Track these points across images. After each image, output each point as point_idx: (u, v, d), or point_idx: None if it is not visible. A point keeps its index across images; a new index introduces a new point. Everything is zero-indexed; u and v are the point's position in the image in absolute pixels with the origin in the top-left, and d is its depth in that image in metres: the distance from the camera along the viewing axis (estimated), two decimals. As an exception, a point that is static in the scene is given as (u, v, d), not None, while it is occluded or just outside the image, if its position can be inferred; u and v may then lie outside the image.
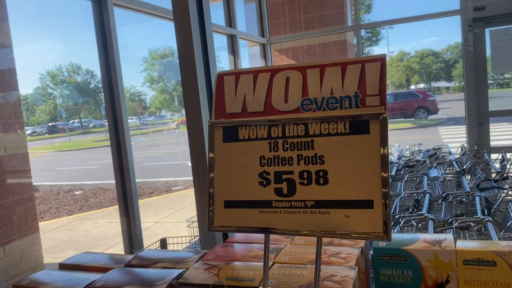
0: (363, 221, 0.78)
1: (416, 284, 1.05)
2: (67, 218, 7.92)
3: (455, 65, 32.24)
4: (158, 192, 9.79)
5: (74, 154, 18.25)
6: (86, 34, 25.44)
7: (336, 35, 6.81)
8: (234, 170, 0.89)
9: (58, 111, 30.29)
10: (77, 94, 31.13)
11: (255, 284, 0.93)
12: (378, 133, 0.78)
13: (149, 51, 33.20)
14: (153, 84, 34.54)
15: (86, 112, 31.83)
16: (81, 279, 1.05)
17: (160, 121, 31.32)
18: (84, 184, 10.99)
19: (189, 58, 1.28)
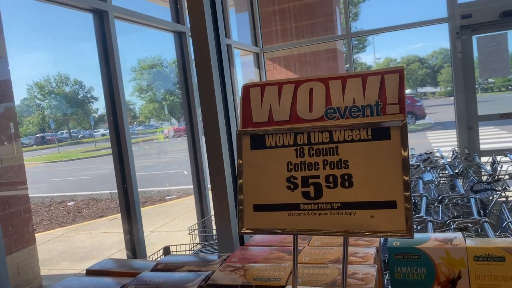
0: (387, 221, 0.84)
1: (430, 280, 1.11)
2: (60, 229, 7.86)
3: (440, 70, 32.77)
4: (151, 201, 9.76)
5: (64, 165, 18.08)
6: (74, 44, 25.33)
7: (327, 44, 6.94)
8: (262, 175, 0.94)
9: (47, 122, 30.00)
10: (65, 104, 30.89)
11: (282, 283, 0.98)
12: (399, 138, 0.85)
13: (138, 61, 33.15)
14: (142, 93, 34.45)
15: (75, 123, 31.57)
16: (111, 284, 1.09)
17: (150, 130, 31.19)
18: (76, 195, 10.91)
19: (207, 71, 1.34)
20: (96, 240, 6.73)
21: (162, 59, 32.54)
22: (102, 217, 8.64)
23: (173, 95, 31.10)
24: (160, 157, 17.83)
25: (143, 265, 1.24)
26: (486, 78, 5.80)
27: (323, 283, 0.96)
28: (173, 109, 30.66)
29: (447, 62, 30.42)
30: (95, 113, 31.93)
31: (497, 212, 3.01)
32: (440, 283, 1.10)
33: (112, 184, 9.02)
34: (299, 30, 6.93)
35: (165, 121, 32.49)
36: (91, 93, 31.36)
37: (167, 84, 33.32)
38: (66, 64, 28.70)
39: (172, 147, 22.02)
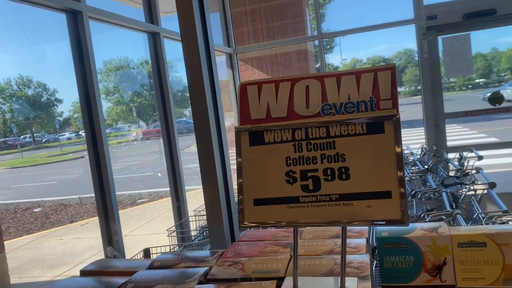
0: (383, 210, 0.89)
1: (417, 267, 1.17)
2: (28, 236, 7.61)
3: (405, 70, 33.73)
4: (122, 205, 9.59)
5: (29, 170, 17.47)
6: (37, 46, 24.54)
7: (297, 45, 7.04)
8: (262, 170, 0.97)
9: (8, 127, 28.89)
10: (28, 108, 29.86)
11: (281, 274, 1.02)
12: (393, 132, 0.90)
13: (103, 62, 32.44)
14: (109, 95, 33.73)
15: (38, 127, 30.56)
16: (108, 283, 1.09)
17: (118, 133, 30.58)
18: (43, 201, 10.58)
19: (196, 72, 1.36)
20: (67, 246, 6.56)
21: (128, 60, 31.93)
22: (72, 222, 8.42)
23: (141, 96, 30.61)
24: (130, 160, 17.52)
25: (137, 264, 1.24)
26: (451, 77, 6.04)
27: (321, 273, 1.00)
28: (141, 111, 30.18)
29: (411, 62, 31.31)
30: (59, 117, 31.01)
31: (466, 206, 3.15)
32: (427, 270, 1.16)
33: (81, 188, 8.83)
34: (270, 31, 7.00)
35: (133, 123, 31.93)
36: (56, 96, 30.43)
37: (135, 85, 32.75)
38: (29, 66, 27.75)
39: (142, 150, 21.69)
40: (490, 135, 11.52)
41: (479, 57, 16.04)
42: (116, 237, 3.08)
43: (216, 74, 1.45)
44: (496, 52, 16.03)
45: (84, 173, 13.02)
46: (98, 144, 3.03)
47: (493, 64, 17.25)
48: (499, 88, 12.32)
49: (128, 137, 28.08)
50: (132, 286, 1.04)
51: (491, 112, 5.24)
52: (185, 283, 1.03)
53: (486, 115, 5.36)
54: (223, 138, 1.47)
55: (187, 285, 1.02)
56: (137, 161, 17.10)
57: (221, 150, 1.46)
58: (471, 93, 18.93)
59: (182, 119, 21.48)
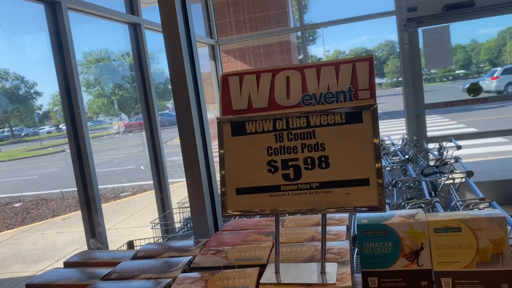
0: (361, 197, 0.92)
1: (395, 253, 1.21)
2: (9, 231, 7.49)
3: (386, 62, 34.08)
4: (105, 199, 9.51)
5: (8, 165, 17.14)
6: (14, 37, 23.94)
7: (280, 36, 7.05)
8: (244, 160, 0.99)
9: (-15, 120, 28.20)
10: (6, 101, 29.19)
11: (263, 261, 1.04)
12: (370, 121, 0.92)
13: (83, 54, 31.87)
14: (89, 88, 33.20)
15: (17, 120, 29.93)
16: (93, 273, 1.10)
17: (99, 126, 30.17)
18: (23, 196, 10.41)
19: (178, 64, 1.36)
20: (49, 241, 6.49)
21: (109, 52, 31.42)
22: (54, 217, 8.32)
23: (123, 89, 30.21)
24: (112, 153, 17.34)
25: (121, 255, 1.25)
26: (431, 68, 6.14)
27: (302, 259, 1.02)
28: (123, 104, 29.81)
29: (393, 54, 31.60)
30: (39, 110, 30.41)
31: (445, 194, 3.23)
32: (405, 255, 1.20)
33: (62, 183, 8.71)
34: (253, 22, 6.98)
35: (114, 116, 31.53)
36: (34, 89, 29.81)
37: (116, 78, 32.29)
38: (6, 58, 27.08)
39: (124, 143, 21.47)
40: (469, 126, 11.78)
41: (459, 49, 16.32)
42: (99, 230, 3.07)
43: (198, 65, 1.46)
44: (475, 44, 16.30)
45: (65, 167, 12.85)
46: (79, 137, 3.00)
47: (472, 56, 17.56)
48: (478, 79, 12.56)
49: (109, 130, 27.73)
50: (117, 276, 1.05)
51: (470, 103, 5.36)
52: (169, 272, 1.04)
53: (466, 106, 5.48)
54: (206, 129, 1.48)
55: (171, 274, 1.03)
56: (119, 155, 16.94)
57: (204, 141, 1.47)
58: (452, 84, 19.26)
59: (165, 112, 21.30)
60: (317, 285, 0.89)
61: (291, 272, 0.96)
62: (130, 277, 1.04)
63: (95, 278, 1.05)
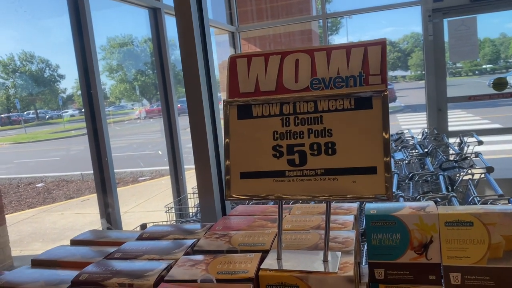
0: (368, 185, 0.89)
1: (404, 245, 1.18)
2: (30, 210, 7.70)
3: (411, 54, 33.38)
4: (124, 182, 9.67)
5: (32, 146, 17.57)
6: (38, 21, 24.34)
7: (301, 25, 6.96)
8: (249, 144, 0.97)
9: (12, 102, 28.94)
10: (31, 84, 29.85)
11: (266, 247, 1.03)
12: (380, 108, 0.89)
13: (107, 39, 32.22)
14: (112, 73, 33.62)
15: (42, 103, 30.61)
16: (98, 251, 1.11)
17: (121, 111, 30.58)
18: (45, 176, 10.67)
19: (189, 48, 1.34)
20: (68, 221, 6.64)
21: (133, 37, 31.69)
22: (73, 198, 8.51)
23: (145, 75, 30.50)
24: (133, 138, 17.57)
25: (127, 235, 1.26)
26: (456, 61, 5.97)
27: (306, 247, 1.01)
28: (144, 89, 30.11)
29: (418, 46, 30.92)
30: (63, 93, 31.00)
31: (463, 190, 3.16)
32: (414, 247, 1.17)
33: (83, 165, 8.88)
34: (275, 10, 6.91)
35: (136, 102, 31.91)
36: (58, 72, 30.38)
37: (138, 63, 32.60)
38: (31, 41, 27.60)
39: (144, 128, 21.72)
40: (493, 121, 11.45)
41: (487, 42, 15.81)
42: (114, 212, 3.11)
43: (210, 50, 1.44)
44: (504, 38, 15.77)
45: (86, 150, 13.10)
46: (96, 120, 3.04)
47: (501, 50, 17.01)
48: (506, 74, 12.16)
49: (131, 115, 28.08)
50: (120, 256, 1.06)
51: (495, 98, 5.20)
52: (171, 254, 1.04)
53: (491, 101, 5.32)
54: (216, 114, 1.47)
55: (173, 256, 1.03)
56: (139, 140, 17.15)
57: (214, 126, 1.46)
58: (478, 79, 18.73)
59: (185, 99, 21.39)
60: (318, 273, 0.87)
61: (293, 259, 0.94)
62: (133, 257, 1.04)
63: (99, 256, 1.06)
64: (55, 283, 0.94)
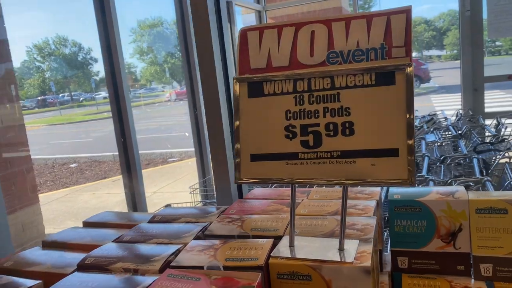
0: (388, 169, 0.81)
1: (430, 233, 1.10)
2: (64, 190, 7.95)
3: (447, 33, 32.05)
4: (154, 163, 9.82)
5: (66, 128, 18.10)
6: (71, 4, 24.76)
7: (331, 2, 6.73)
8: (260, 124, 0.91)
9: (47, 85, 29.84)
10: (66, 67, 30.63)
11: (279, 233, 0.97)
12: (404, 83, 0.81)
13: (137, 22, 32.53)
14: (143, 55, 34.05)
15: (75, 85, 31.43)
16: (108, 234, 1.08)
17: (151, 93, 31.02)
18: (78, 157, 10.98)
19: (204, 25, 1.28)
20: (100, 201, 6.81)
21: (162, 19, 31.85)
22: (105, 178, 8.72)
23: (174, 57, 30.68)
24: (163, 120, 17.79)
25: (141, 217, 1.23)
26: (494, 38, 5.64)
27: (321, 233, 0.94)
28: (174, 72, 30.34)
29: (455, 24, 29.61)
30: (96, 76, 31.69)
31: (499, 174, 2.99)
32: (440, 236, 1.09)
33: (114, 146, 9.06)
34: (303, -13, 6.70)
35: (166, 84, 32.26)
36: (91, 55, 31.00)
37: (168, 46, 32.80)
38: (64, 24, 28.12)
39: (174, 111, 21.94)
40: (536, 102, 10.88)
41: (529, 18, 14.81)
42: (139, 192, 3.13)
43: (226, 29, 1.37)
44: (549, 13, 14.82)
45: (118, 131, 13.32)
46: (120, 101, 3.04)
47: (546, 27, 16.02)
48: (549, 52, 11.45)
49: (161, 97, 28.43)
50: (129, 239, 1.03)
51: (537, 77, 4.89)
52: (181, 238, 1.00)
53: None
54: (231, 95, 1.40)
55: (182, 240, 0.99)
56: (169, 121, 17.34)
57: (229, 107, 1.39)
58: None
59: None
60: (333, 262, 0.81)
61: (307, 247, 0.88)
62: (142, 241, 1.01)
63: (109, 239, 1.04)
64: (62, 266, 0.92)
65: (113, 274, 0.86)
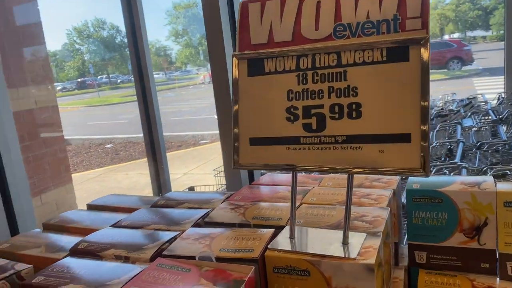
0: (398, 156, 0.73)
1: (451, 226, 1.00)
2: (99, 169, 8.17)
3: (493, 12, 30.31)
4: (186, 145, 9.92)
5: (104, 109, 18.58)
6: (109, -13, 25.10)
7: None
8: (260, 105, 0.84)
9: (86, 67, 30.66)
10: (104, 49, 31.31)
11: (282, 223, 0.90)
12: (419, 60, 0.71)
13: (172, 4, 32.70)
14: (178, 38, 34.29)
15: (113, 68, 32.12)
16: (108, 218, 1.05)
17: (186, 76, 31.28)
18: (114, 138, 11.25)
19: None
20: (132, 181, 6.96)
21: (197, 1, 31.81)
22: (138, 159, 8.89)
23: (209, 39, 30.63)
24: (196, 102, 17.93)
25: (145, 201, 1.19)
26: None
27: (327, 224, 0.87)
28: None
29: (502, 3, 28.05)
30: (132, 58, 32.13)
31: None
32: (463, 229, 0.99)
33: (148, 127, 8.97)
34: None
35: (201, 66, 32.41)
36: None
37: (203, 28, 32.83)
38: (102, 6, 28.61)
39: (207, 93, 22.05)
40: None
41: None
42: (163, 174, 3.14)
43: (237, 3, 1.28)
44: None
45: (152, 113, 13.53)
46: (145, 81, 3.02)
47: None
48: None
49: (195, 80, 28.62)
50: (127, 224, 0.99)
51: None
52: (180, 225, 0.96)
53: None
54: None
55: (181, 227, 0.94)
56: (202, 104, 17.45)
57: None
58: None
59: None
60: (333, 257, 0.73)
61: (308, 239, 0.81)
62: (139, 227, 0.97)
63: (108, 224, 1.00)
64: (55, 250, 0.90)
65: (104, 261, 0.82)
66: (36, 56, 4.32)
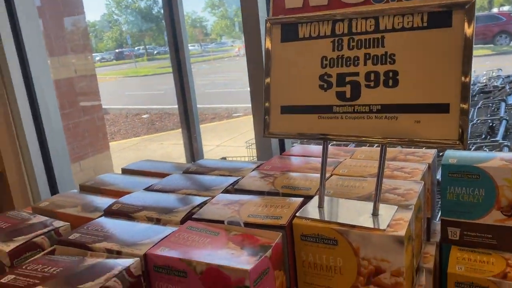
0: (436, 127, 0.70)
1: (488, 204, 0.97)
2: (135, 139, 8.39)
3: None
4: (219, 117, 9.99)
5: (141, 80, 18.90)
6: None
7: None
8: (292, 73, 0.82)
9: (124, 38, 31.11)
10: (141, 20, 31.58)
11: (311, 193, 0.90)
12: (462, 25, 0.67)
13: (210, -26, 32.38)
14: (214, 9, 34.07)
15: (150, 39, 32.42)
16: (141, 182, 1.08)
17: (221, 48, 31.19)
18: (150, 108, 11.46)
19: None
20: (166, 151, 7.11)
21: (234, -29, 31.37)
22: (173, 129, 9.05)
23: (245, 11, 30.25)
24: (230, 75, 17.91)
25: (177, 167, 1.22)
26: None
27: (357, 196, 0.86)
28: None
29: (559, -28, 26.09)
30: (169, 30, 32.25)
31: None
32: (501, 207, 0.95)
33: (183, 99, 9.06)
34: None
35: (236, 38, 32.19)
36: (165, 9, 31.45)
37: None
38: (140, -21, 28.80)
39: (242, 66, 21.96)
40: None
41: None
42: (196, 145, 3.18)
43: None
44: None
45: (187, 84, 13.65)
46: (180, 53, 3.03)
47: None
48: None
49: (230, 52, 28.50)
50: (160, 188, 1.02)
51: None
52: (210, 190, 0.97)
53: None
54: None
55: (211, 193, 0.96)
56: (236, 76, 17.42)
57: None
58: None
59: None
60: (362, 228, 0.73)
61: (337, 209, 0.80)
62: (170, 191, 0.99)
63: (139, 188, 1.03)
64: (90, 210, 0.93)
65: (136, 222, 0.85)
66: (76, 26, 4.39)
